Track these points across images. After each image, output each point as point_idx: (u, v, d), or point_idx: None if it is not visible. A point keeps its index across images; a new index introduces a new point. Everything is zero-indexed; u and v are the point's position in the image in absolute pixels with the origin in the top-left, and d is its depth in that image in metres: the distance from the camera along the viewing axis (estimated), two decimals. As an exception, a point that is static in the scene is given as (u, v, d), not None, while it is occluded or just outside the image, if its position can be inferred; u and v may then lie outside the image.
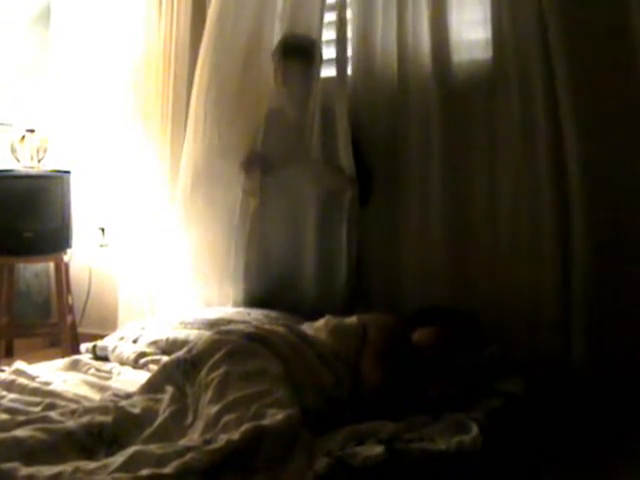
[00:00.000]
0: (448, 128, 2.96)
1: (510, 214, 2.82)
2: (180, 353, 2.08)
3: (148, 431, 1.81)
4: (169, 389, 1.97)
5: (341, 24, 3.09)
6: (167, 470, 1.49)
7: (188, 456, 1.54)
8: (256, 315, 2.88)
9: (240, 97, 3.35)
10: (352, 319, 2.33)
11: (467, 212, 2.95)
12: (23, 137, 3.92)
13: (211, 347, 2.00)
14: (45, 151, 3.96)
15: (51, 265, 4.08)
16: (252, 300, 3.17)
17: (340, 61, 3.10)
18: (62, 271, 3.84)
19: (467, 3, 2.98)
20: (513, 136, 2.81)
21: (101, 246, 4.09)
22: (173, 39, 3.64)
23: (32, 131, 3.93)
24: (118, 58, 3.93)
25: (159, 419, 1.86)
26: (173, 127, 3.62)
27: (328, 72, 3.17)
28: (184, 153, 3.38)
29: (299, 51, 3.14)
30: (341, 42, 3.10)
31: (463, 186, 2.96)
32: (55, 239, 3.84)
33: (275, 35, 3.28)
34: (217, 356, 1.95)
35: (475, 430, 1.83)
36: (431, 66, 2.98)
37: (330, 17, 3.18)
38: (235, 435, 1.60)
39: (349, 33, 3.16)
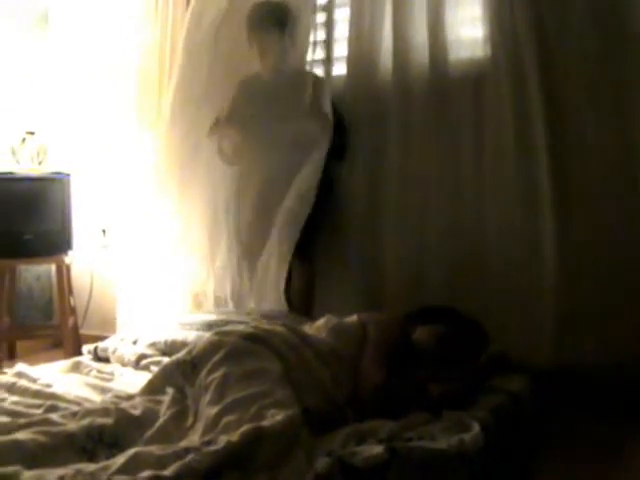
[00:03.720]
0: (441, 126, 2.96)
1: (503, 214, 2.82)
2: (180, 354, 2.08)
3: (149, 433, 1.81)
4: (169, 391, 1.97)
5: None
6: (167, 472, 1.49)
7: (188, 457, 1.54)
8: (255, 315, 2.88)
9: (214, 72, 3.39)
10: (352, 318, 2.33)
11: (459, 212, 2.95)
12: (23, 139, 3.93)
13: (210, 348, 1.99)
14: (45, 153, 3.97)
15: (53, 267, 4.09)
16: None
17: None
18: (63, 273, 3.85)
19: (463, 1, 2.98)
20: (507, 134, 2.80)
21: (103, 247, 4.09)
22: (170, 42, 3.65)
23: (32, 133, 3.94)
24: (117, 61, 3.94)
25: (160, 421, 1.86)
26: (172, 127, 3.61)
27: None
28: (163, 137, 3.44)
29: (272, 19, 3.14)
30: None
31: (454, 185, 2.96)
32: (56, 241, 3.85)
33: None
34: (216, 357, 1.94)
35: (476, 428, 1.83)
36: (427, 63, 2.98)
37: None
38: (235, 436, 1.59)
39: (345, 31, 3.18)
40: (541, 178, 2.72)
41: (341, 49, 3.26)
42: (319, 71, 3.25)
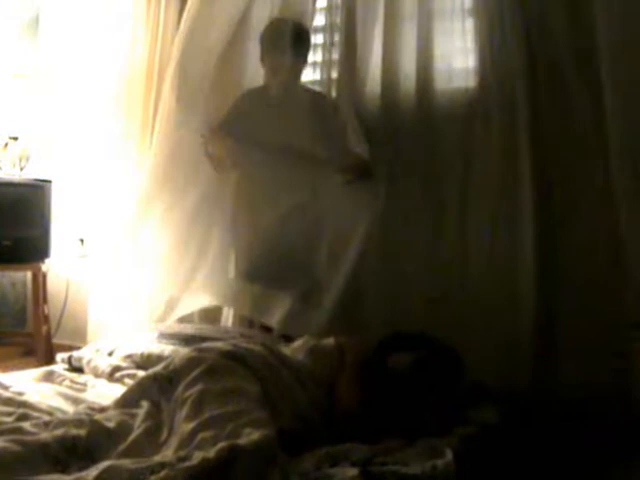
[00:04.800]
0: (428, 155, 2.99)
1: (487, 246, 2.84)
2: (156, 368, 2.07)
3: (122, 446, 1.79)
4: (144, 404, 1.96)
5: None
6: None
7: (162, 473, 1.53)
8: (233, 333, 2.87)
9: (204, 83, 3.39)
10: (329, 340, 2.34)
11: (442, 240, 2.96)
12: (6, 145, 3.91)
13: (189, 364, 1.99)
14: (27, 159, 3.95)
15: (29, 274, 4.05)
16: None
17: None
18: (39, 281, 3.82)
19: (452, 31, 3.01)
20: (493, 166, 2.83)
21: (80, 257, 4.06)
22: (158, 51, 3.67)
23: (15, 139, 3.92)
24: (103, 69, 3.93)
25: (133, 434, 1.84)
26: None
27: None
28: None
29: (289, 40, 3.14)
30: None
31: (437, 213, 2.97)
32: (34, 248, 3.81)
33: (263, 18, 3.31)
34: (194, 373, 1.94)
35: (449, 456, 1.84)
36: (414, 93, 3.01)
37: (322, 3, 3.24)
38: (210, 453, 1.59)
39: (334, 56, 3.20)
40: (525, 210, 2.74)
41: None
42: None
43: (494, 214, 2.83)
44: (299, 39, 3.16)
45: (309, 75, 3.30)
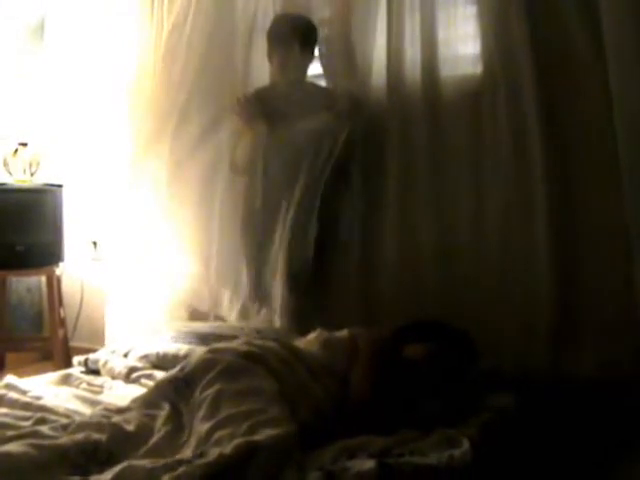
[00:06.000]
0: (435, 143, 2.97)
1: (499, 230, 2.82)
2: (173, 372, 2.07)
3: (143, 449, 1.79)
4: (165, 406, 1.96)
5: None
6: None
7: (180, 470, 1.53)
8: (248, 330, 2.87)
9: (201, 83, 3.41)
10: (343, 332, 2.34)
11: (454, 227, 2.95)
12: (16, 150, 3.93)
13: (204, 366, 1.99)
14: (38, 165, 3.98)
15: (43, 279, 4.07)
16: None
17: None
18: (54, 285, 3.84)
19: (456, 18, 2.99)
20: (502, 152, 2.82)
21: (94, 260, 4.08)
22: (164, 52, 3.64)
23: (25, 144, 3.94)
24: (112, 72, 3.94)
25: (154, 437, 1.84)
26: (164, 139, 3.62)
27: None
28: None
29: (298, 35, 3.13)
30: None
31: (450, 201, 2.95)
32: (47, 253, 3.84)
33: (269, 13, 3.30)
34: (210, 375, 1.94)
35: (466, 445, 1.83)
36: (420, 80, 2.99)
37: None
38: (227, 449, 1.59)
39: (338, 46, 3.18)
40: (538, 193, 2.72)
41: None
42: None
43: (506, 200, 2.81)
44: (308, 35, 3.15)
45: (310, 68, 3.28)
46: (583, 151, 2.70)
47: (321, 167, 3.02)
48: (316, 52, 3.24)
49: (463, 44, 2.98)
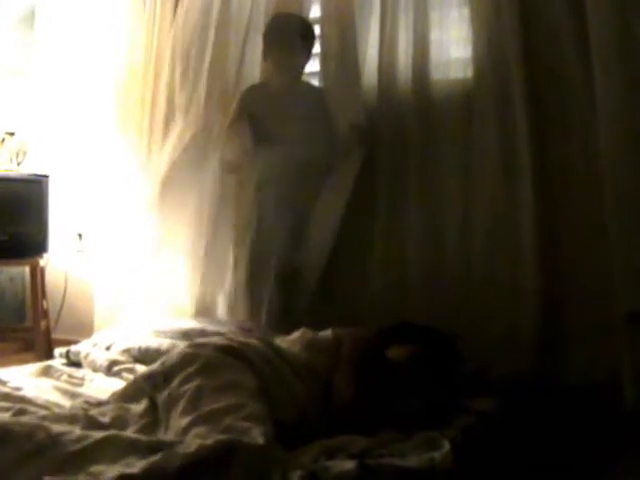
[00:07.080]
0: (425, 146, 2.98)
1: (486, 233, 2.83)
2: (153, 366, 2.07)
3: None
4: (142, 401, 1.95)
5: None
6: (135, 470, 1.47)
7: (159, 456, 1.52)
8: (230, 327, 2.86)
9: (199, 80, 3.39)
10: (327, 333, 2.33)
11: (442, 229, 2.95)
12: (3, 140, 3.90)
13: (184, 360, 1.98)
14: (24, 154, 3.95)
15: (27, 269, 4.05)
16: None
17: None
18: (37, 276, 3.81)
19: (449, 21, 2.99)
20: (491, 154, 2.82)
21: (78, 252, 4.06)
22: (155, 44, 3.65)
23: (12, 134, 3.91)
24: (100, 63, 3.92)
25: (129, 430, 1.83)
26: (152, 134, 3.61)
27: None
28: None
29: (295, 36, 3.12)
30: None
31: (439, 204, 2.96)
32: (31, 243, 3.81)
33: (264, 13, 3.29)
34: (190, 369, 1.93)
35: (447, 447, 1.83)
36: (411, 83, 2.99)
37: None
38: (208, 441, 1.58)
39: (330, 48, 3.18)
40: (526, 198, 2.73)
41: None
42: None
43: (494, 203, 2.82)
44: (306, 35, 3.14)
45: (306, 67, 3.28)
46: (571, 149, 2.71)
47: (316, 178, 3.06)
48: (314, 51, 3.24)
49: (455, 47, 2.99)
